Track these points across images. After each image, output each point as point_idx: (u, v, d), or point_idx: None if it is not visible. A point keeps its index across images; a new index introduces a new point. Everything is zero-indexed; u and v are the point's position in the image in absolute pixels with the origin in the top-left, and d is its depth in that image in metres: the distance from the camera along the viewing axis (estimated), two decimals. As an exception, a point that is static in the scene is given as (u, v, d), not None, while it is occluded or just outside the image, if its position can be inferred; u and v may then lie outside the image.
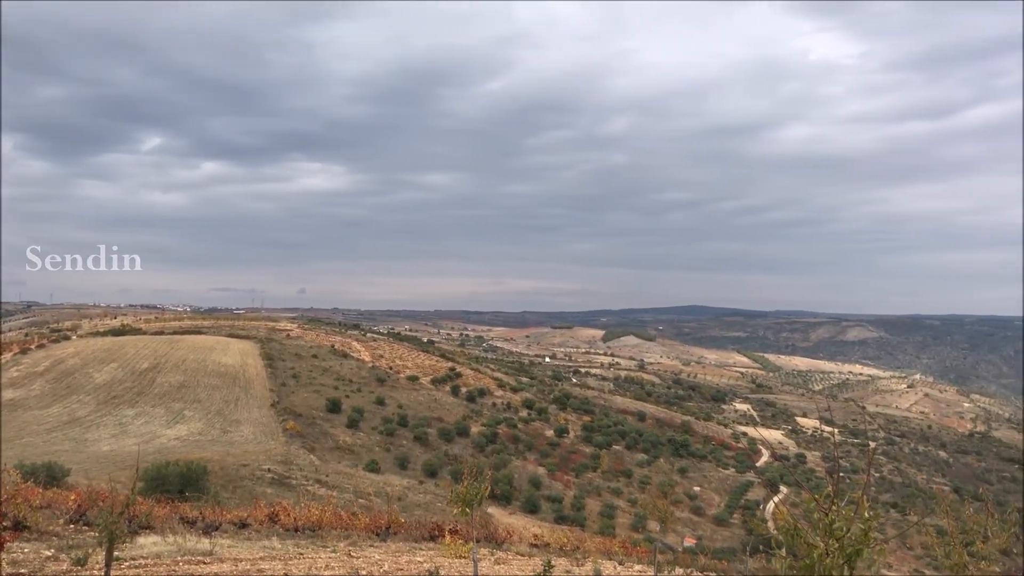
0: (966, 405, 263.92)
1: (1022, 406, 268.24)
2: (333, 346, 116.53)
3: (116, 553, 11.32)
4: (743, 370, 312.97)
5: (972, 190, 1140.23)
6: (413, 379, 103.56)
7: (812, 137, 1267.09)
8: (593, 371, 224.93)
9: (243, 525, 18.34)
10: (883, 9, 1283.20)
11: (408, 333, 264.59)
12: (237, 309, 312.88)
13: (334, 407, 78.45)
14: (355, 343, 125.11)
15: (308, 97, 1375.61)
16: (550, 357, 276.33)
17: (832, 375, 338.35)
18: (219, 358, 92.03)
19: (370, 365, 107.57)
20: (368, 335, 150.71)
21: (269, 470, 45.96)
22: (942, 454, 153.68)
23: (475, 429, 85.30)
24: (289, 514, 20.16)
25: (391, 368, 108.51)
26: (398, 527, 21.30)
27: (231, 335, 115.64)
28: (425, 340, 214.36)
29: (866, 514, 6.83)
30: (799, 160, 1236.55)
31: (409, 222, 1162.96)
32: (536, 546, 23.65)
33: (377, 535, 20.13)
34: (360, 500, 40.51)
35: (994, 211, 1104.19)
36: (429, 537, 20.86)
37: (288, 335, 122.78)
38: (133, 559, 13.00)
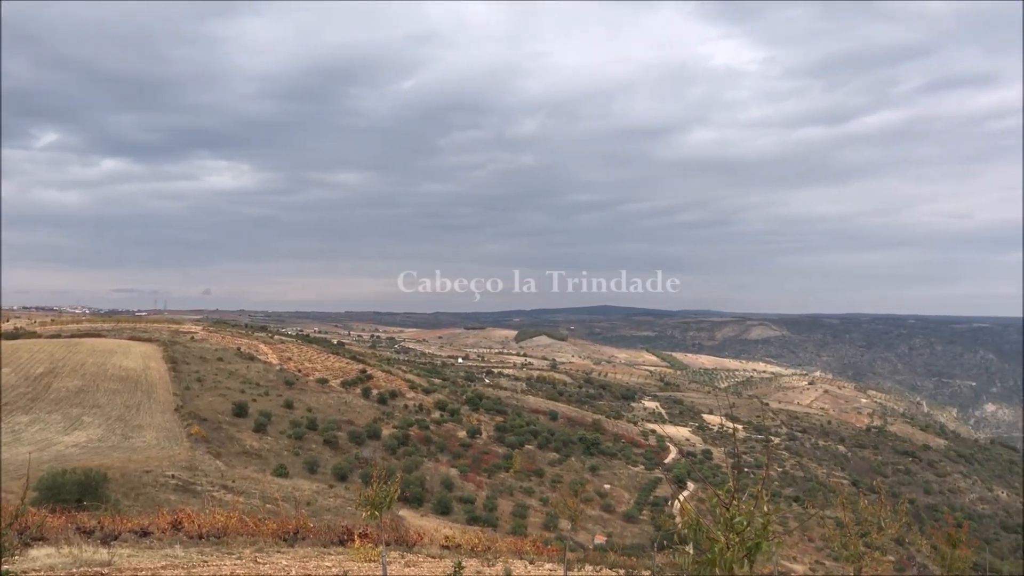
0: (863, 401, 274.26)
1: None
2: (239, 348, 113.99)
3: (5, 567, 10.84)
4: (652, 368, 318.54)
5: (868, 193, 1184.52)
6: (323, 382, 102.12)
7: (717, 141, 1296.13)
8: (506, 371, 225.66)
9: (144, 533, 17.78)
10: (784, 17, 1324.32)
11: (317, 335, 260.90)
12: (139, 311, 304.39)
13: (241, 411, 76.77)
14: (262, 345, 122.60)
15: (213, 93, 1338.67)
16: (463, 358, 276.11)
17: (737, 373, 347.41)
18: (120, 361, 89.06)
19: (278, 368, 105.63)
20: (276, 337, 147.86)
21: (173, 476, 44.71)
22: (841, 448, 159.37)
23: (387, 431, 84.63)
24: (193, 521, 19.65)
25: (300, 371, 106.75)
26: (307, 532, 20.98)
27: (133, 338, 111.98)
28: (335, 342, 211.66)
29: (765, 508, 7.05)
30: (705, 163, 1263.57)
31: (319, 221, 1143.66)
32: (447, 548, 23.62)
33: (285, 540, 19.79)
34: (268, 505, 39.78)
35: (889, 213, 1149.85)
36: (339, 541, 20.60)
37: (192, 337, 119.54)
38: (24, 572, 12.46)
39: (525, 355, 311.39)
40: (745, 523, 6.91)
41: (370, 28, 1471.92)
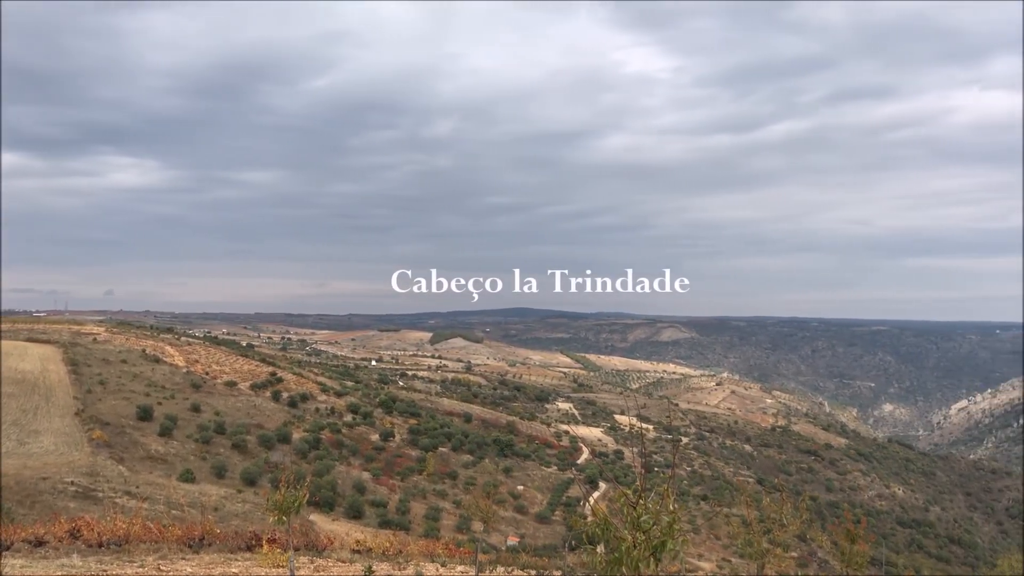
0: (768, 401, 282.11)
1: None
2: (144, 350, 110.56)
3: None
4: (566, 370, 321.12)
5: (774, 200, 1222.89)
6: (231, 384, 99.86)
7: (631, 146, 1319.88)
8: (420, 374, 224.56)
9: (39, 543, 17.08)
10: (694, 27, 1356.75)
11: (226, 337, 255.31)
12: (37, 311, 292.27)
13: (145, 415, 74.47)
14: (168, 347, 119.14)
15: (118, 88, 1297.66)
16: (376, 360, 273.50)
17: (648, 374, 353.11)
18: (16, 364, 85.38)
19: (185, 370, 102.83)
20: (183, 339, 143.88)
21: (72, 483, 43.16)
22: (747, 448, 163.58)
23: (297, 435, 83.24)
24: (93, 529, 18.96)
25: (207, 373, 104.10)
26: (213, 538, 20.47)
27: (30, 339, 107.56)
28: (244, 344, 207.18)
29: (671, 507, 7.19)
30: (620, 168, 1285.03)
31: (228, 221, 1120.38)
32: (358, 552, 23.36)
33: (190, 547, 19.27)
34: (173, 511, 38.70)
35: (794, 219, 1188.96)
36: (246, 547, 20.16)
37: (95, 339, 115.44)
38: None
39: (440, 357, 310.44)
40: (651, 522, 7.02)
41: (283, 25, 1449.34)
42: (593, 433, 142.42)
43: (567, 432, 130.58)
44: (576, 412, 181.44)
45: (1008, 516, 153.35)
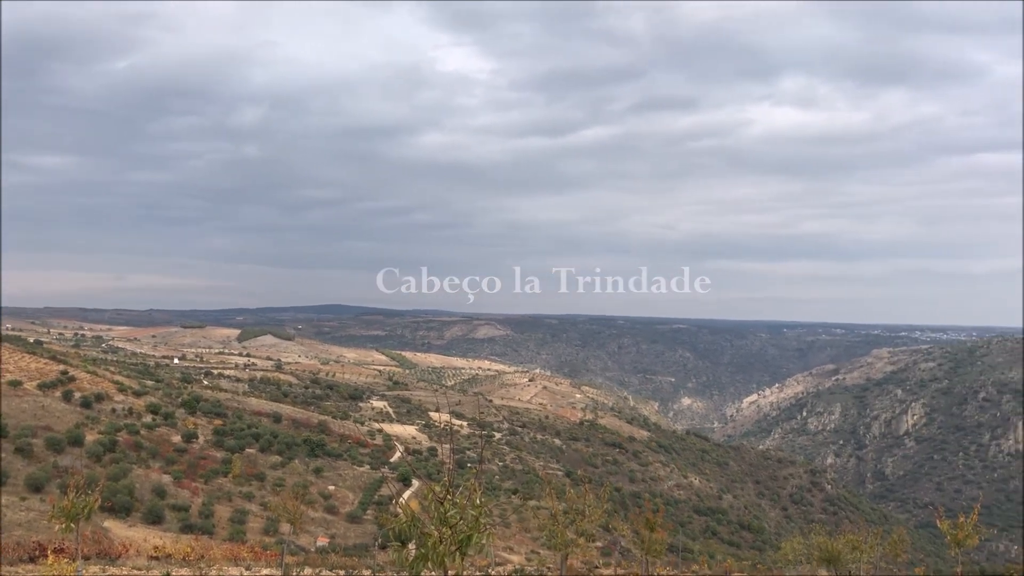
0: (577, 396, 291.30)
1: None
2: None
3: None
4: (382, 368, 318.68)
5: (585, 202, 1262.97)
6: (16, 384, 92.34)
7: (449, 144, 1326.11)
8: (227, 372, 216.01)
9: None
10: (510, 31, 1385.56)
11: (11, 332, 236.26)
12: None
13: (-88, 419, 67.67)
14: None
15: None
16: (179, 358, 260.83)
17: (464, 371, 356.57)
18: None
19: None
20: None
21: None
22: (557, 441, 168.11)
23: (91, 437, 78.06)
24: None
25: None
26: (-10, 551, 18.90)
27: None
28: (32, 340, 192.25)
29: (477, 501, 7.31)
30: (437, 166, 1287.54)
31: (14, 209, 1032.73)
32: (157, 558, 22.26)
33: (-38, 562, 17.70)
34: (-56, 524, 35.41)
35: (604, 222, 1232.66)
36: (29, 559, 18.75)
37: None
38: None
39: (248, 355, 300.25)
40: (458, 517, 7.09)
41: (79, 0, 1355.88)
42: (407, 431, 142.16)
43: (380, 430, 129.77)
44: (391, 410, 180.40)
45: (792, 502, 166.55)
